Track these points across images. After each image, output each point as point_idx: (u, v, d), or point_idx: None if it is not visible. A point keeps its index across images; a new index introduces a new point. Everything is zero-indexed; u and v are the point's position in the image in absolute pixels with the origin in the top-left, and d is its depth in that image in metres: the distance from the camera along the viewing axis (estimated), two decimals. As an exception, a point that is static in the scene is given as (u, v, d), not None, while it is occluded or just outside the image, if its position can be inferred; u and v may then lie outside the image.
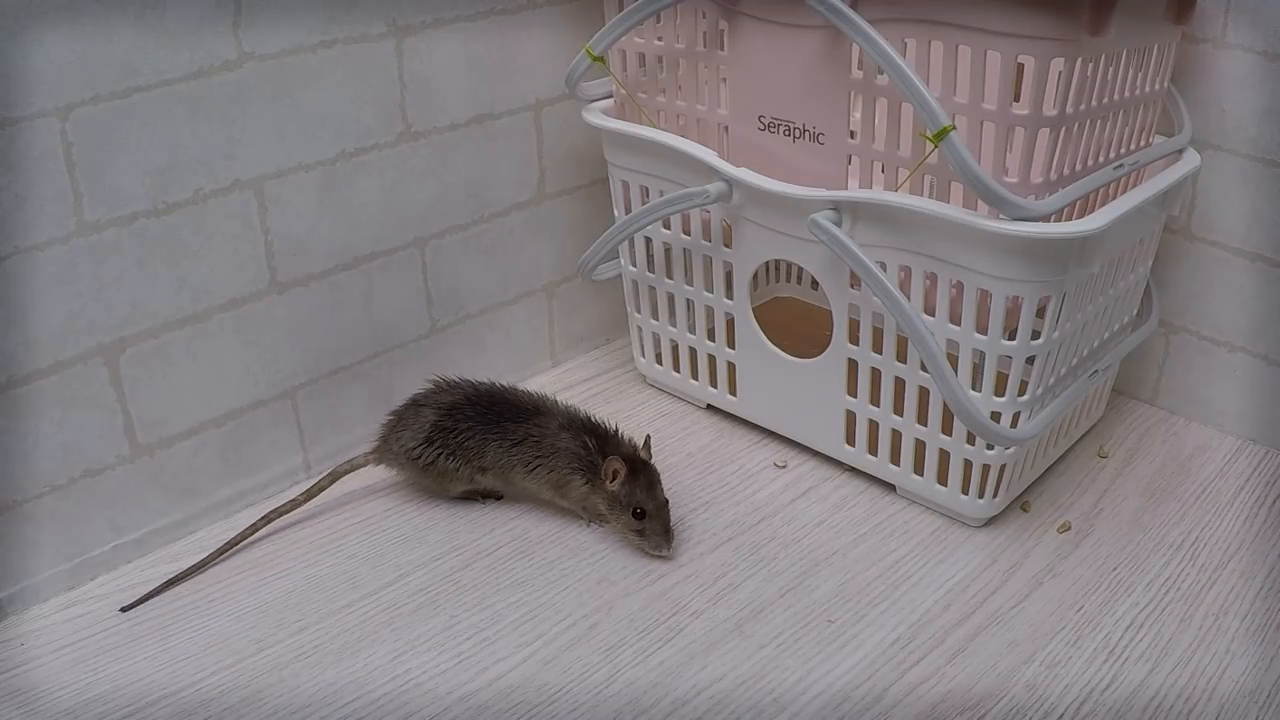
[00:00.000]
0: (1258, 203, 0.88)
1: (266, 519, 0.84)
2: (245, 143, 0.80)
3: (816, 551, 0.83)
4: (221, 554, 0.82)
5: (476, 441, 0.84)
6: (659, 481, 0.82)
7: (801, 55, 0.79)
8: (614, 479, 0.81)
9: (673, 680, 0.71)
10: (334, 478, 0.87)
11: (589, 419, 0.85)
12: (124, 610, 0.78)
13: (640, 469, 0.81)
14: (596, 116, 0.94)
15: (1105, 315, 0.85)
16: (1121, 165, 0.79)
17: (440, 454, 0.84)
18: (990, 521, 0.86)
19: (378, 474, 0.92)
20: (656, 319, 1.01)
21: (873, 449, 0.89)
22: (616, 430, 0.84)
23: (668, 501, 0.82)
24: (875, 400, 0.86)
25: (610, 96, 0.97)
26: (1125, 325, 0.91)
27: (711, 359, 0.99)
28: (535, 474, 0.83)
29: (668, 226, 0.94)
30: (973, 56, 0.70)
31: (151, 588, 0.79)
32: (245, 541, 0.83)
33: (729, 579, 0.80)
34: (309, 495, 0.86)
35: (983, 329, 0.77)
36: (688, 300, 0.97)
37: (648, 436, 0.85)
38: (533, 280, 1.04)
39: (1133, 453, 0.94)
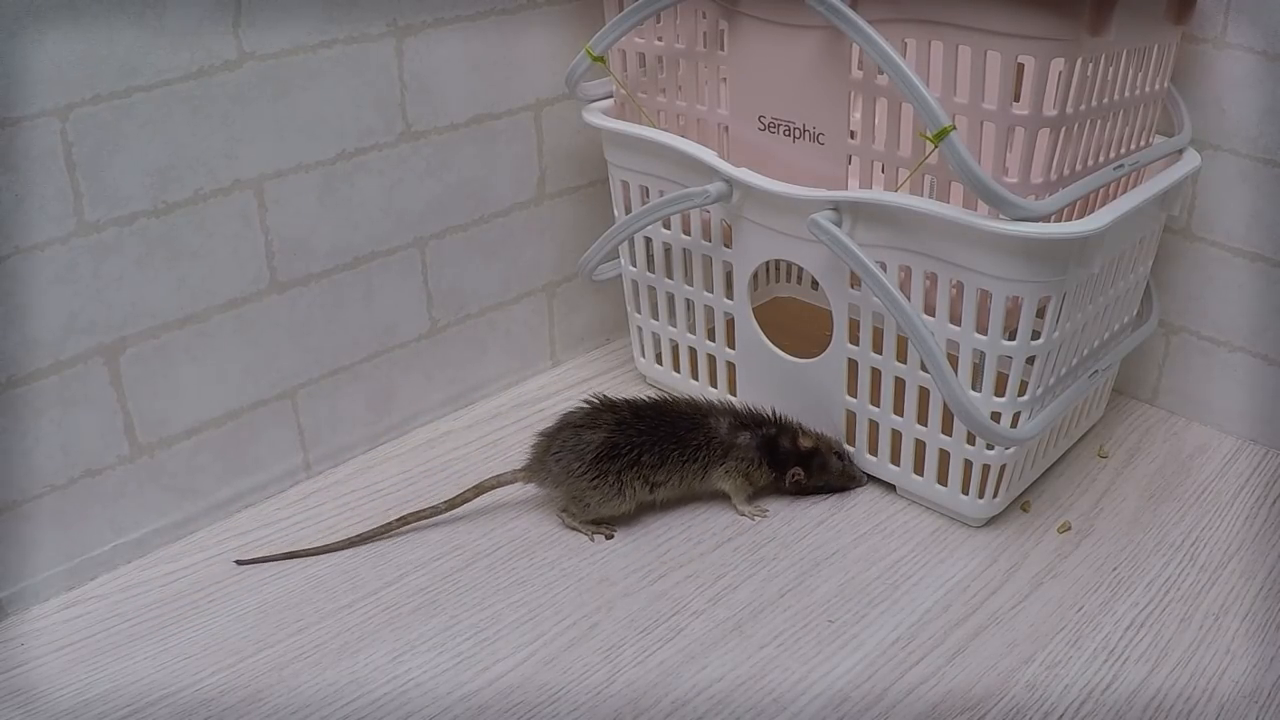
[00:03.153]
0: (1258, 203, 0.88)
1: (404, 520, 0.84)
2: (245, 143, 0.80)
3: (816, 551, 0.83)
4: (350, 545, 0.83)
5: (655, 456, 0.83)
6: (828, 450, 0.88)
7: (801, 55, 0.79)
8: (796, 480, 0.87)
9: (673, 680, 0.71)
10: (479, 490, 0.85)
11: (753, 411, 0.88)
12: (239, 563, 0.82)
13: (810, 458, 0.87)
14: (596, 116, 0.94)
15: (1105, 315, 0.85)
16: (1121, 165, 0.79)
17: (608, 472, 0.82)
18: (990, 521, 0.86)
19: (377, 475, 0.92)
20: (656, 319, 1.01)
21: (873, 449, 0.89)
22: (775, 415, 0.88)
23: (832, 444, 0.88)
24: (875, 400, 0.86)
25: (610, 96, 0.97)
26: (1125, 325, 0.91)
27: (711, 359, 0.99)
28: (719, 475, 0.85)
29: (668, 226, 0.94)
30: (973, 56, 0.70)
31: (152, 587, 0.80)
32: (379, 538, 0.84)
33: (729, 579, 0.80)
34: (450, 505, 0.85)
35: (983, 329, 0.76)
36: (688, 300, 0.97)
37: (800, 425, 0.88)
38: (533, 280, 1.04)
39: (1133, 453, 0.94)
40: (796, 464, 0.86)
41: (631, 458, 0.82)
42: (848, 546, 0.83)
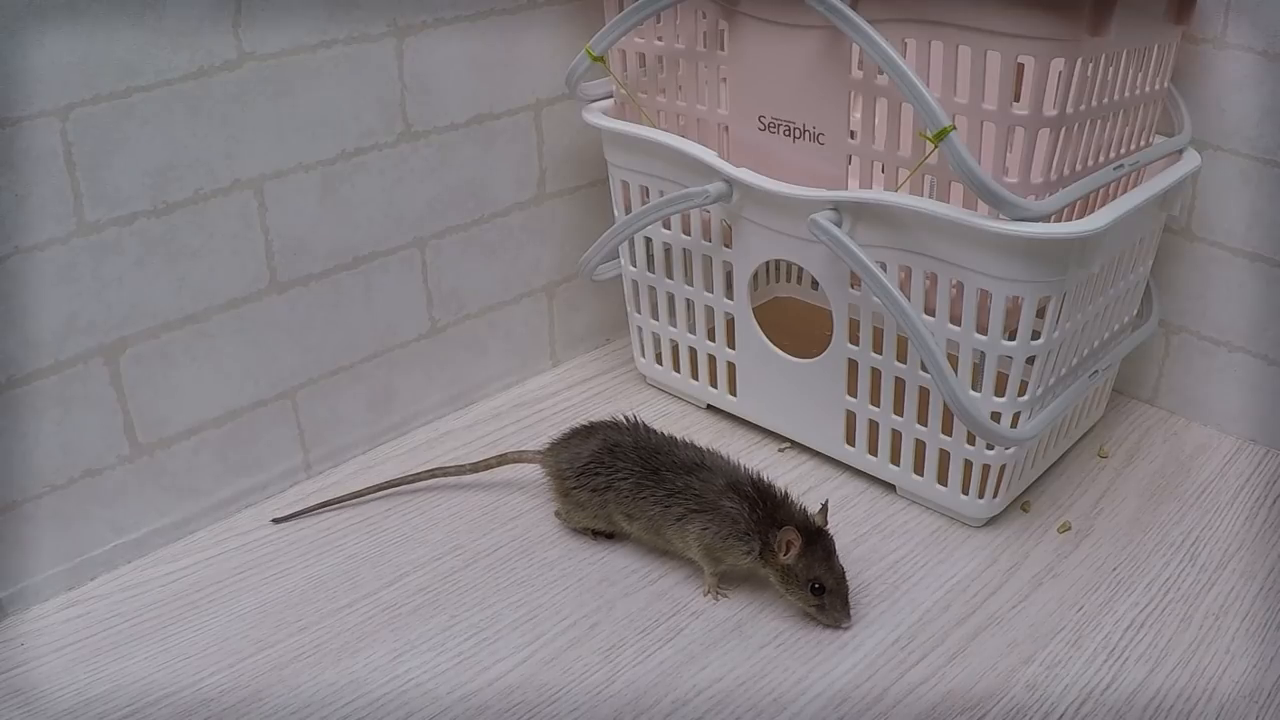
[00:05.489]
0: (1258, 203, 0.88)
1: (432, 473, 0.89)
2: (245, 143, 0.80)
3: (816, 551, 0.83)
4: (379, 490, 0.89)
5: (630, 486, 0.79)
6: (835, 550, 0.75)
7: (801, 55, 0.79)
8: (788, 551, 0.73)
9: (673, 680, 0.71)
10: (502, 461, 0.89)
11: (759, 480, 0.77)
12: (276, 522, 0.86)
13: (816, 539, 0.74)
14: (596, 116, 0.94)
15: (1105, 315, 0.85)
16: (1121, 165, 0.79)
17: (586, 486, 0.81)
18: (990, 521, 0.86)
19: (377, 475, 0.92)
20: (656, 319, 1.01)
21: (873, 449, 0.89)
22: (786, 494, 0.77)
23: (844, 571, 0.75)
24: (875, 400, 0.86)
25: (610, 96, 0.97)
26: (1125, 325, 0.91)
27: (711, 359, 0.99)
28: (687, 529, 0.77)
29: (668, 226, 0.94)
30: (973, 56, 0.70)
31: (152, 587, 0.80)
32: (399, 489, 0.90)
33: (728, 579, 0.80)
34: (475, 468, 0.89)
35: (983, 329, 0.76)
36: (688, 300, 0.97)
37: (825, 503, 0.77)
38: (533, 280, 1.04)
39: (1133, 453, 0.94)
40: (790, 529, 0.73)
41: (608, 480, 0.80)
42: (848, 546, 0.83)
